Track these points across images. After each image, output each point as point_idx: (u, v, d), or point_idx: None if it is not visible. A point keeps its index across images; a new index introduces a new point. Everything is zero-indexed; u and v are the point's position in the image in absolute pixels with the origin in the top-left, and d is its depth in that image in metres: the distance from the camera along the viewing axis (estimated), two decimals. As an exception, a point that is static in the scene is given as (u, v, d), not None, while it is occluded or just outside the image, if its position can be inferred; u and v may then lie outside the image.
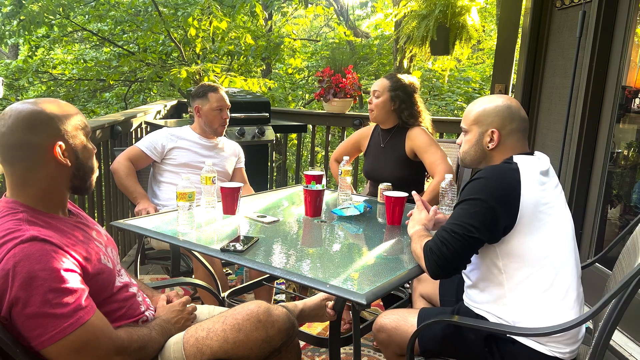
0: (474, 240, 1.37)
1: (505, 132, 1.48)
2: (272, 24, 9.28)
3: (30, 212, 1.16)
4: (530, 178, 1.40)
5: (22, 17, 6.65)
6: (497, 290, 1.43)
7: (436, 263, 1.38)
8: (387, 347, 1.62)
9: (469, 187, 1.43)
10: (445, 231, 1.40)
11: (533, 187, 1.39)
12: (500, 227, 1.37)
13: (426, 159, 2.41)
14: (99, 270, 1.21)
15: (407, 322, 1.56)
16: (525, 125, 1.51)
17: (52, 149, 1.16)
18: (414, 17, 4.36)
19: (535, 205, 1.38)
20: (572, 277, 1.42)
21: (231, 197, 1.92)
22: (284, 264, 1.49)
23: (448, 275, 1.43)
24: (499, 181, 1.40)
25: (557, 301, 1.39)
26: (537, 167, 1.44)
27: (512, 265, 1.40)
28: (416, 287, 1.94)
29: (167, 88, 6.40)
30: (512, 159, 1.45)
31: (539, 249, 1.38)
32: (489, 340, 1.43)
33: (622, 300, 1.20)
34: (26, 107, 1.16)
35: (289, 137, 7.08)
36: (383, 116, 2.52)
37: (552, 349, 1.38)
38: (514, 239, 1.38)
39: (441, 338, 1.50)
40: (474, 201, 1.38)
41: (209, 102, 2.51)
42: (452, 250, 1.37)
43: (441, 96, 7.31)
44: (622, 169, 2.71)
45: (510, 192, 1.37)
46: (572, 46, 2.83)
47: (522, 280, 1.40)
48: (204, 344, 1.27)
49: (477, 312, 1.50)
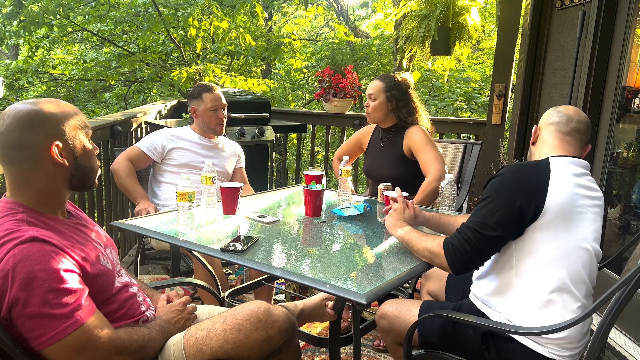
0: (497, 239, 1.37)
1: (544, 126, 1.53)
2: (272, 24, 9.28)
3: (29, 213, 1.16)
4: (563, 177, 1.39)
5: (22, 17, 6.65)
6: (506, 283, 1.44)
7: (459, 259, 1.38)
8: (388, 334, 1.63)
9: (492, 183, 1.42)
10: (469, 230, 1.39)
11: (565, 187, 1.37)
12: (523, 221, 1.36)
13: (420, 157, 2.43)
14: (98, 272, 1.21)
15: (410, 312, 1.57)
16: (572, 127, 1.49)
17: (49, 148, 1.16)
18: (414, 17, 4.36)
19: (564, 205, 1.36)
20: (583, 286, 1.40)
21: (231, 197, 1.91)
22: (284, 264, 1.49)
23: (469, 271, 1.44)
24: (522, 175, 1.40)
25: (562, 305, 1.37)
26: (573, 169, 1.43)
27: (525, 260, 1.40)
28: (424, 284, 1.95)
29: (167, 88, 6.40)
30: (548, 159, 1.44)
31: (555, 250, 1.37)
32: (486, 337, 1.44)
33: (621, 299, 1.20)
34: (24, 107, 1.16)
35: (289, 137, 7.08)
36: (381, 117, 2.53)
37: (551, 350, 1.37)
38: (533, 233, 1.37)
39: (440, 331, 1.52)
40: (497, 199, 1.38)
41: (203, 102, 2.51)
42: (476, 248, 1.37)
43: (441, 96, 7.30)
44: (622, 169, 2.71)
45: (535, 186, 1.36)
46: (572, 46, 2.83)
47: (531, 277, 1.39)
48: (204, 344, 1.27)
49: (479, 308, 1.50)
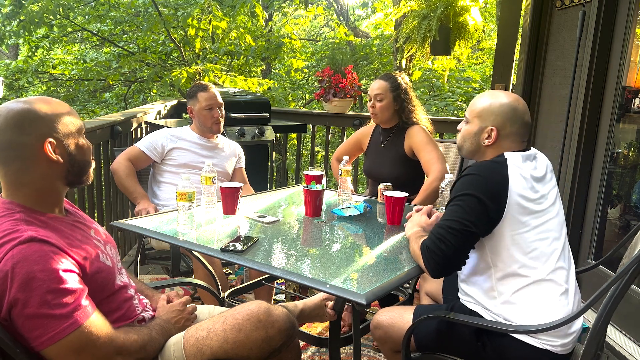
0: (470, 234, 1.39)
1: (504, 133, 1.49)
2: (272, 24, 9.28)
3: (27, 212, 1.16)
4: (518, 172, 1.41)
5: (22, 17, 6.65)
6: (486, 283, 1.46)
7: (435, 261, 1.39)
8: (384, 343, 1.64)
9: (459, 183, 1.45)
10: (442, 228, 1.40)
11: (521, 181, 1.40)
12: (490, 220, 1.39)
13: (422, 157, 2.43)
14: (97, 269, 1.21)
15: (403, 319, 1.58)
16: (525, 130, 1.51)
17: (42, 147, 1.15)
18: (414, 16, 4.35)
19: (523, 198, 1.39)
20: (562, 272, 1.43)
21: (231, 197, 1.91)
22: (284, 264, 1.49)
23: (448, 273, 1.44)
24: (488, 177, 1.41)
25: (546, 294, 1.40)
26: (527, 162, 1.45)
27: (499, 258, 1.42)
28: (422, 285, 1.96)
29: (167, 88, 6.40)
30: (503, 155, 1.46)
31: (525, 243, 1.40)
32: (480, 333, 1.45)
33: (616, 293, 1.21)
34: (15, 107, 1.15)
35: (289, 137, 7.07)
36: (388, 117, 2.54)
37: (543, 342, 1.39)
38: (501, 232, 1.40)
39: (436, 334, 1.52)
40: (466, 196, 1.40)
41: (199, 102, 2.51)
42: (450, 246, 1.37)
43: (441, 96, 7.30)
44: (622, 169, 2.70)
45: (498, 187, 1.39)
46: (572, 46, 2.83)
47: (509, 273, 1.42)
48: (204, 344, 1.27)
49: (470, 308, 1.52)
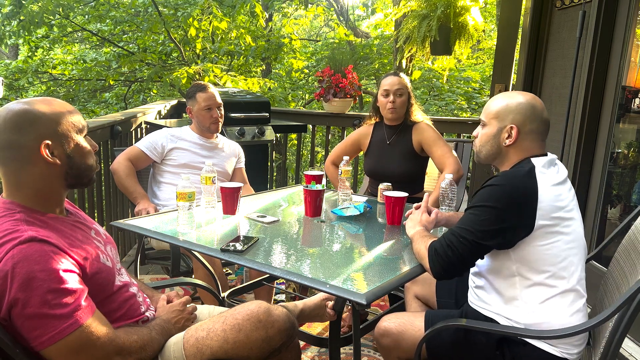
0: (480, 246, 1.36)
1: (525, 130, 1.44)
2: (272, 25, 9.28)
3: (27, 212, 1.16)
4: (548, 182, 1.37)
5: (21, 17, 6.65)
6: (509, 292, 1.42)
7: (440, 265, 1.38)
8: (391, 352, 1.57)
9: (483, 192, 1.39)
10: (454, 235, 1.38)
11: (550, 192, 1.36)
12: (514, 234, 1.35)
13: (434, 152, 2.42)
14: (97, 270, 1.20)
15: (414, 326, 1.52)
16: (545, 127, 1.47)
17: (39, 148, 1.15)
18: (414, 16, 4.36)
19: (554, 210, 1.36)
20: (582, 280, 1.42)
21: (231, 197, 1.91)
22: (284, 264, 1.49)
23: (450, 277, 1.41)
24: (516, 188, 1.36)
25: (568, 303, 1.38)
26: (553, 169, 1.42)
27: (527, 268, 1.38)
28: (410, 287, 1.89)
29: (167, 88, 6.40)
30: (530, 161, 1.42)
31: (556, 254, 1.36)
32: (500, 342, 1.41)
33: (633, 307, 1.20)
34: (15, 107, 1.15)
35: (289, 137, 7.07)
36: (404, 113, 2.51)
37: (562, 350, 1.37)
38: (532, 244, 1.36)
39: (450, 343, 1.47)
40: (487, 208, 1.36)
41: (197, 102, 2.51)
42: (457, 254, 1.36)
43: (441, 96, 7.30)
44: (622, 169, 2.70)
45: (527, 199, 1.34)
46: (572, 46, 2.83)
47: (536, 283, 1.38)
48: (204, 344, 1.27)
49: (486, 315, 1.47)
